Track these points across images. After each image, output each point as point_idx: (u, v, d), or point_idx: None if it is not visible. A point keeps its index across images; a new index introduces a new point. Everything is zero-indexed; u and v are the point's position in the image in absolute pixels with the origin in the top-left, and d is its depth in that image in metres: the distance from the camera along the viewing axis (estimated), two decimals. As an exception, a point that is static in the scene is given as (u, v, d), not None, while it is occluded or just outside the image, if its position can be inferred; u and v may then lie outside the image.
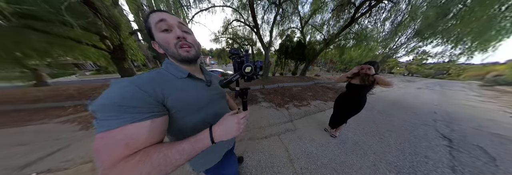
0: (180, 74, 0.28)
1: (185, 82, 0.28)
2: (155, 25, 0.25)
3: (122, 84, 0.22)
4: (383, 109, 2.15)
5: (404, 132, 1.40)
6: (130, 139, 0.20)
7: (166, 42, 0.25)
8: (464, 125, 1.73)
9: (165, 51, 0.27)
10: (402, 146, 1.12)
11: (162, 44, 0.26)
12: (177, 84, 0.27)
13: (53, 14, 1.84)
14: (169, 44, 0.25)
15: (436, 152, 1.08)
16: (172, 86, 0.26)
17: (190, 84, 0.29)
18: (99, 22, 2.33)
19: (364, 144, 1.11)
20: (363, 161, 0.93)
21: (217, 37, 5.47)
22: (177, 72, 0.28)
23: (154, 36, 0.26)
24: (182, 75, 0.28)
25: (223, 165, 0.41)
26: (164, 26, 0.25)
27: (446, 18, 2.29)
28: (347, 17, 3.68)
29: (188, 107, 0.27)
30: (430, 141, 1.26)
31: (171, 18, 0.26)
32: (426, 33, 2.72)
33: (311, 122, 1.50)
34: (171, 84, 0.26)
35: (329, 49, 4.95)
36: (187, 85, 0.29)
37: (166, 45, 0.26)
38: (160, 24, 0.25)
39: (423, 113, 2.12)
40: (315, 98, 2.50)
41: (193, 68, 0.32)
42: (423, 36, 2.86)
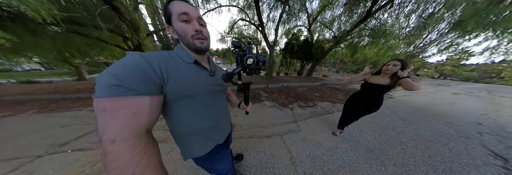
0: (187, 59, 0.29)
1: (189, 68, 0.29)
2: (178, 15, 0.27)
3: (133, 57, 0.22)
4: (405, 116, 1.81)
5: (435, 144, 1.12)
6: (136, 109, 0.21)
7: (184, 32, 0.28)
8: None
9: (181, 38, 0.29)
10: (433, 161, 0.90)
11: (180, 32, 0.28)
12: (181, 68, 0.28)
13: (89, 20, 2.21)
14: (187, 34, 0.28)
15: (484, 173, 0.82)
16: (176, 68, 0.27)
17: (194, 71, 0.30)
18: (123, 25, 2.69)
19: (381, 153, 0.94)
20: (379, 172, 0.78)
21: (223, 37, 5.66)
22: (185, 57, 0.29)
23: (173, 23, 0.28)
24: (189, 61, 0.30)
25: (216, 158, 0.40)
26: (185, 18, 0.27)
27: (503, 4, 1.74)
28: (361, 11, 3.30)
29: (184, 93, 0.28)
30: (474, 158, 0.98)
31: (193, 12, 0.28)
32: (471, 25, 1.99)
33: (317, 124, 1.38)
34: (176, 66, 0.27)
35: (339, 48, 4.52)
36: (191, 71, 0.30)
37: (183, 34, 0.28)
38: (182, 16, 0.27)
39: (463, 123, 1.69)
40: (323, 99, 2.32)
41: (201, 58, 0.33)
42: (465, 29, 2.09)
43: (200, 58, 0.32)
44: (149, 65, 0.23)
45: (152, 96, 0.23)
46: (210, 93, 0.33)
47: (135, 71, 0.21)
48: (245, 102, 0.42)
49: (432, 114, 1.96)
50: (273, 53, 3.88)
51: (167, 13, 0.27)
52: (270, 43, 3.82)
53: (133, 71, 0.21)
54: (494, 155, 1.04)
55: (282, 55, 6.18)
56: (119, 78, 0.20)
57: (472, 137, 1.31)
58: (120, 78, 0.20)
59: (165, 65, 0.25)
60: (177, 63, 0.28)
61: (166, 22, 0.28)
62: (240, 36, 5.71)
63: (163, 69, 0.24)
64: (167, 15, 0.27)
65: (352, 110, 0.99)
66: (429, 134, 1.30)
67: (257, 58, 0.29)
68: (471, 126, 1.62)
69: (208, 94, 0.32)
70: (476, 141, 1.24)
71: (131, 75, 0.21)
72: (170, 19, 0.27)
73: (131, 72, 0.21)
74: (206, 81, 0.32)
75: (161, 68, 0.24)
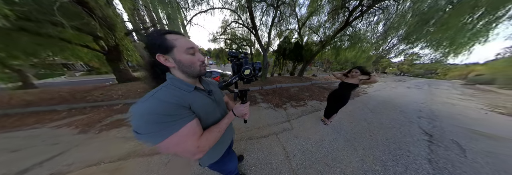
0: (187, 89, 0.33)
1: (193, 95, 0.33)
2: (186, 50, 0.30)
3: (154, 101, 0.27)
4: (374, 108, 2.30)
5: (392, 129, 1.53)
6: (195, 131, 0.30)
7: (191, 63, 0.32)
8: (444, 121, 1.89)
9: (183, 67, 0.32)
10: (388, 142, 1.24)
11: (186, 63, 0.31)
12: (190, 97, 0.32)
13: (45, 15, 1.79)
14: (194, 64, 0.32)
15: (417, 146, 1.21)
16: (188, 98, 0.31)
17: (198, 96, 0.34)
18: (93, 22, 2.28)
19: (354, 141, 1.22)
20: (353, 156, 1.03)
21: (216, 38, 5.47)
22: (184, 87, 0.32)
23: (175, 54, 0.30)
24: (190, 89, 0.33)
25: (225, 161, 0.48)
26: (192, 51, 0.31)
27: (428, 24, 2.56)
28: (342, 20, 3.84)
29: (200, 115, 0.33)
30: (413, 136, 1.40)
31: (195, 45, 0.32)
32: (412, 38, 3.00)
33: (307, 121, 1.59)
34: (186, 97, 0.31)
35: (326, 50, 5.13)
36: (196, 97, 0.34)
37: (190, 64, 0.32)
38: (190, 50, 0.31)
39: (410, 111, 2.29)
40: (312, 98, 2.60)
41: (194, 81, 0.36)
42: (409, 40, 3.11)
43: (193, 82, 0.35)
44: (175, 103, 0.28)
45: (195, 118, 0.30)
46: (215, 108, 0.39)
47: (171, 105, 0.27)
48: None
49: (392, 105, 2.55)
50: (266, 55, 4.05)
51: (166, 44, 0.29)
52: (264, 45, 3.97)
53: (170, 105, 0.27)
54: (424, 132, 1.50)
55: (275, 57, 6.46)
56: (169, 114, 0.26)
57: (414, 121, 1.81)
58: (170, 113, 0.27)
59: (182, 98, 0.30)
60: (184, 94, 0.31)
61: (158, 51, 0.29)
62: (234, 37, 5.63)
63: (182, 100, 0.30)
64: (165, 46, 0.29)
65: (332, 101, 1.39)
66: (388, 122, 1.73)
67: (253, 66, 0.31)
68: (414, 113, 2.20)
69: (214, 109, 0.38)
70: (416, 124, 1.73)
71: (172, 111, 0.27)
72: (168, 50, 0.29)
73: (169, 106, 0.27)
74: (209, 101, 0.37)
75: (180, 100, 0.29)
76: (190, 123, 0.29)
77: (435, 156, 1.08)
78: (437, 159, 1.05)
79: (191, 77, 0.34)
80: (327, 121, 1.51)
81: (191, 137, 0.28)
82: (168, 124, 0.26)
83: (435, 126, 1.70)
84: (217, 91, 0.43)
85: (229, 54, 0.33)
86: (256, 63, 0.32)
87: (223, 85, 0.33)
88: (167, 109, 0.27)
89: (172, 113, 0.27)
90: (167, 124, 0.26)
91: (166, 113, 0.26)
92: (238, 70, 0.32)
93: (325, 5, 3.86)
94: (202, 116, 0.34)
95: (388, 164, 0.95)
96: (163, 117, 0.26)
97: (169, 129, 0.26)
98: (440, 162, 1.02)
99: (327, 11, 3.98)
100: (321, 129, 1.42)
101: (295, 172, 0.86)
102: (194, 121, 0.30)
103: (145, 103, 0.26)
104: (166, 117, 0.26)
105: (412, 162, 0.99)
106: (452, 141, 1.36)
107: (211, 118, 0.37)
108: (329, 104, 1.43)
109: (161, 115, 0.25)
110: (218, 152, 0.44)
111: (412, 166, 0.95)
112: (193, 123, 0.30)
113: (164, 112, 0.26)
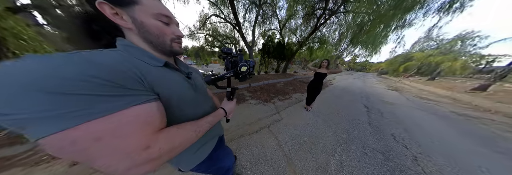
0: (154, 62, 0.21)
1: (160, 72, 0.21)
2: (156, 15, 0.21)
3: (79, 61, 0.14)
4: (338, 94, 3.21)
5: (349, 107, 2.24)
6: (150, 120, 0.16)
7: (160, 32, 0.22)
8: (371, 97, 3.08)
9: (149, 35, 0.21)
10: (348, 116, 1.81)
11: (151, 30, 0.21)
12: (153, 72, 0.20)
13: None
14: (164, 35, 0.22)
15: (362, 115, 1.88)
16: (148, 71, 0.19)
17: (169, 76, 0.23)
18: None
19: (329, 120, 1.60)
20: (328, 131, 1.32)
21: (194, 33, 4.73)
22: (149, 60, 0.21)
23: (135, 12, 0.19)
24: (157, 64, 0.21)
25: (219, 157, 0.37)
26: (165, 20, 0.22)
27: (361, 32, 3.96)
28: (313, 24, 4.66)
29: (171, 102, 0.21)
30: (359, 109, 2.16)
31: (174, 17, 0.23)
32: (354, 41, 4.45)
33: (293, 111, 1.84)
34: (148, 71, 0.19)
35: (303, 51, 6.07)
36: (166, 76, 0.22)
37: (158, 33, 0.21)
38: (163, 18, 0.22)
39: (356, 93, 3.45)
40: (295, 91, 3.02)
41: (169, 59, 0.26)
42: (353, 43, 4.60)
43: (163, 57, 0.24)
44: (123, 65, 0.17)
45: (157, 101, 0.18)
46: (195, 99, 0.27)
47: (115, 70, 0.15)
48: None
49: (347, 91, 3.68)
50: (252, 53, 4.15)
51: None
52: (249, 43, 4.01)
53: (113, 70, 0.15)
54: (365, 106, 2.36)
55: (261, 55, 6.69)
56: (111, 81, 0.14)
57: (359, 100, 2.76)
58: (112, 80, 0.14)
59: (139, 70, 0.18)
60: (145, 67, 0.19)
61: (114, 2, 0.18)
62: (216, 34, 5.14)
63: (138, 73, 0.18)
64: None
65: (310, 90, 1.72)
66: (346, 103, 2.50)
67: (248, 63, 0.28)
68: (358, 94, 3.36)
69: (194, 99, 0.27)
70: (360, 101, 2.65)
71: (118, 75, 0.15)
72: (125, 2, 0.19)
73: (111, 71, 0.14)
74: (186, 86, 0.26)
75: (135, 71, 0.17)
76: (145, 104, 0.16)
77: (371, 119, 1.74)
78: (372, 121, 1.67)
79: (159, 51, 0.23)
80: (309, 107, 1.86)
81: (141, 127, 0.16)
82: (102, 99, 0.13)
83: (369, 101, 2.70)
84: (198, 78, 0.32)
85: (223, 51, 0.29)
86: (250, 61, 0.29)
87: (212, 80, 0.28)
88: (106, 73, 0.14)
89: (116, 81, 0.14)
90: (100, 98, 0.13)
91: (104, 78, 0.14)
92: (233, 66, 0.29)
93: (300, 10, 4.46)
94: (174, 103, 0.22)
95: (350, 131, 1.34)
96: (96, 85, 0.13)
97: (99, 106, 0.13)
98: (373, 123, 1.62)
99: (301, 16, 4.65)
100: (305, 115, 1.70)
101: (289, 157, 0.93)
102: (153, 103, 0.17)
103: (52, 60, 0.13)
104: (101, 86, 0.13)
105: (361, 127, 1.47)
106: (377, 109, 2.24)
107: (188, 110, 0.25)
108: (309, 93, 1.76)
109: (91, 81, 0.13)
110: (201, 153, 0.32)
111: (362, 129, 1.41)
112: (151, 106, 0.17)
113: (100, 75, 0.14)
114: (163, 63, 0.22)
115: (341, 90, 3.84)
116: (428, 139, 1.32)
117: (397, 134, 1.36)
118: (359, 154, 1.00)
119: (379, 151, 1.05)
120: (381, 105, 2.48)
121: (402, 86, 5.80)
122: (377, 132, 1.38)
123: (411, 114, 2.08)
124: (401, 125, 1.62)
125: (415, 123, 1.71)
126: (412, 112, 2.20)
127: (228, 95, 0.36)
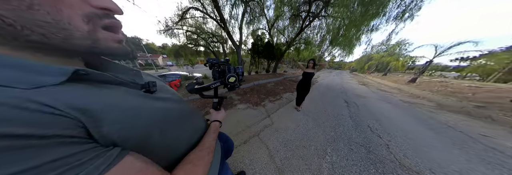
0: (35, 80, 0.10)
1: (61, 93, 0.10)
2: None
3: None
4: (323, 91, 3.55)
5: (333, 103, 2.50)
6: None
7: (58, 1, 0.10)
8: (348, 92, 3.59)
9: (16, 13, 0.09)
10: (333, 112, 1.98)
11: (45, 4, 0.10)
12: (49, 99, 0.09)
13: None
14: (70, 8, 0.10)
15: (343, 110, 2.14)
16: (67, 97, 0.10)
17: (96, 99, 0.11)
18: None
19: (318, 118, 1.65)
20: (318, 131, 1.32)
21: (170, 28, 4.04)
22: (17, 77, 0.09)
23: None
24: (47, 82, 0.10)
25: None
26: None
27: (339, 35, 4.50)
28: (299, 25, 4.92)
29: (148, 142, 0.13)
30: (340, 104, 2.45)
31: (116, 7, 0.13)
32: (334, 43, 5.06)
33: (284, 112, 1.82)
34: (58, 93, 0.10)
35: (291, 51, 6.38)
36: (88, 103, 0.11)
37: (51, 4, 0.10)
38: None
39: (337, 89, 3.93)
40: (285, 91, 3.09)
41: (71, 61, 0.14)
42: (333, 45, 5.22)
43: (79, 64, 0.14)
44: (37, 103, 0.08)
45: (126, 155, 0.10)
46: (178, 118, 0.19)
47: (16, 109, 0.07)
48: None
49: (330, 88, 4.14)
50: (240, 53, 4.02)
51: None
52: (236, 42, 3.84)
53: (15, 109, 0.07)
54: (344, 101, 2.72)
55: (251, 56, 6.61)
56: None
57: (339, 95, 3.16)
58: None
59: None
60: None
61: None
62: (199, 31, 4.61)
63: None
64: None
65: (300, 90, 1.76)
66: (330, 99, 2.80)
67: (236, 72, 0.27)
68: (339, 90, 3.84)
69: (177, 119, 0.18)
70: (340, 97, 3.04)
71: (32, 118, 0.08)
72: None
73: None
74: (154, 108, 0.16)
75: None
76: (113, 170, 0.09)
77: (351, 113, 1.95)
78: (352, 115, 1.88)
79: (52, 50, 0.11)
80: (299, 108, 1.89)
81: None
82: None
83: (347, 96, 3.13)
84: (164, 87, 0.22)
85: (209, 61, 0.28)
86: (238, 68, 0.28)
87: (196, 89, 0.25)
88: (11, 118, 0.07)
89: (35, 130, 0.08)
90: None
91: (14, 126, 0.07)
92: (220, 76, 0.28)
93: (286, 12, 4.59)
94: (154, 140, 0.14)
95: (337, 128, 1.40)
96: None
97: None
98: (353, 116, 1.82)
99: (288, 17, 4.81)
100: (295, 116, 1.70)
101: (280, 169, 0.86)
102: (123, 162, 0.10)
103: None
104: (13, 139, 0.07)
105: (344, 121, 1.60)
106: (354, 102, 2.62)
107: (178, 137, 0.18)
108: (299, 94, 1.79)
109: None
110: None
111: (345, 124, 1.53)
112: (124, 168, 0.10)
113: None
114: (68, 75, 0.10)
115: (325, 87, 4.29)
116: (392, 127, 1.53)
117: (371, 124, 1.59)
118: (346, 151, 1.05)
119: (361, 144, 1.15)
120: (356, 99, 2.90)
121: (368, 81, 7.06)
122: (357, 125, 1.53)
123: (377, 105, 2.51)
124: (373, 115, 1.93)
125: (381, 113, 2.07)
126: (378, 103, 2.61)
127: (214, 105, 0.34)
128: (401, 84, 5.57)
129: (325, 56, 10.02)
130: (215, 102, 0.33)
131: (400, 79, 6.97)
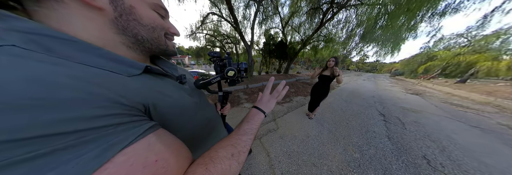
0: (125, 69, 0.15)
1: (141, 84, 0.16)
2: (154, 4, 0.19)
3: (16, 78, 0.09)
4: (346, 98, 2.78)
5: (360, 114, 1.86)
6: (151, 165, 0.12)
7: (155, 23, 0.19)
8: (387, 103, 2.59)
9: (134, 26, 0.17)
10: (361, 126, 1.47)
11: (144, 20, 0.17)
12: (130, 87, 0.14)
13: None
14: (158, 27, 0.19)
15: (378, 126, 1.51)
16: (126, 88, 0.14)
17: (155, 87, 0.18)
18: None
19: (336, 132, 1.30)
20: (336, 148, 1.04)
21: (194, 33, 4.68)
22: (114, 66, 0.14)
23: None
24: (133, 72, 0.16)
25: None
26: (162, 13, 0.20)
27: (376, 25, 3.40)
28: (318, 21, 4.27)
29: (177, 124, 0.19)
30: (374, 117, 1.77)
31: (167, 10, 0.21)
32: (367, 39, 3.90)
33: (292, 117, 1.56)
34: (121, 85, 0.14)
35: (306, 50, 5.66)
36: (152, 88, 0.17)
37: (152, 26, 0.18)
38: (160, 10, 0.20)
39: (368, 97, 2.97)
40: (297, 94, 2.72)
41: (143, 58, 0.20)
42: (365, 41, 4.01)
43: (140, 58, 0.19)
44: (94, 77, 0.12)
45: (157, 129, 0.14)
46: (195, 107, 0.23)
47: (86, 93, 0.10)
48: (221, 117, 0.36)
49: (358, 94, 3.22)
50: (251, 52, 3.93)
51: None
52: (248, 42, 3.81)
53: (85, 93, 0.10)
54: (380, 113, 1.96)
55: (262, 55, 6.48)
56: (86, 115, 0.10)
57: (372, 105, 2.34)
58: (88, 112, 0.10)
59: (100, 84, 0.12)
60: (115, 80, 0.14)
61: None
62: (216, 34, 5.04)
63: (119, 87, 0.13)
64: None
65: (315, 94, 1.45)
66: (357, 108, 2.12)
67: (238, 67, 0.27)
68: (371, 98, 2.88)
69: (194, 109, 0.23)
70: (373, 107, 2.24)
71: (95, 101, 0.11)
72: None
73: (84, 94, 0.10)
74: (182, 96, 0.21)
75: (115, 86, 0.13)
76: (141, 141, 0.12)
77: (391, 132, 1.38)
78: (392, 135, 1.33)
79: (140, 50, 0.19)
80: (311, 114, 1.57)
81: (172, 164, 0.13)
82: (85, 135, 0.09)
83: (384, 107, 2.27)
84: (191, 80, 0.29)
85: (209, 54, 0.29)
86: (242, 63, 0.28)
87: (201, 84, 0.27)
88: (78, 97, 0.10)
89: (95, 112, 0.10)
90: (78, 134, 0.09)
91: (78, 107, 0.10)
92: (221, 71, 0.28)
93: (304, 6, 4.11)
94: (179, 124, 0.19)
95: (364, 149, 1.04)
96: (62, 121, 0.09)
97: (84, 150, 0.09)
98: (394, 137, 1.27)
99: (305, 12, 4.28)
100: (306, 124, 1.42)
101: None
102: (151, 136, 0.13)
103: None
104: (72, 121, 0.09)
105: (378, 142, 1.15)
106: (396, 117, 1.83)
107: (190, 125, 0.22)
108: (313, 98, 1.49)
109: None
110: None
111: (380, 145, 1.09)
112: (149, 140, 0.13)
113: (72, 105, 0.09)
114: (142, 69, 0.17)
115: (349, 92, 3.36)
116: (476, 164, 0.96)
117: (431, 156, 1.01)
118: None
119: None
120: (401, 113, 2.03)
121: (423, 90, 4.83)
122: (402, 151, 1.04)
123: (444, 127, 1.64)
124: (434, 142, 1.24)
125: (452, 139, 1.31)
126: (446, 124, 1.73)
127: (220, 99, 0.36)
128: (505, 99, 3.44)
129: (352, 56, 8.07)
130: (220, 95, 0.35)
131: (502, 91, 4.29)
